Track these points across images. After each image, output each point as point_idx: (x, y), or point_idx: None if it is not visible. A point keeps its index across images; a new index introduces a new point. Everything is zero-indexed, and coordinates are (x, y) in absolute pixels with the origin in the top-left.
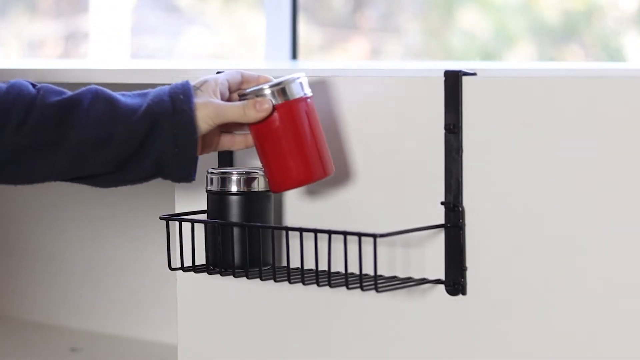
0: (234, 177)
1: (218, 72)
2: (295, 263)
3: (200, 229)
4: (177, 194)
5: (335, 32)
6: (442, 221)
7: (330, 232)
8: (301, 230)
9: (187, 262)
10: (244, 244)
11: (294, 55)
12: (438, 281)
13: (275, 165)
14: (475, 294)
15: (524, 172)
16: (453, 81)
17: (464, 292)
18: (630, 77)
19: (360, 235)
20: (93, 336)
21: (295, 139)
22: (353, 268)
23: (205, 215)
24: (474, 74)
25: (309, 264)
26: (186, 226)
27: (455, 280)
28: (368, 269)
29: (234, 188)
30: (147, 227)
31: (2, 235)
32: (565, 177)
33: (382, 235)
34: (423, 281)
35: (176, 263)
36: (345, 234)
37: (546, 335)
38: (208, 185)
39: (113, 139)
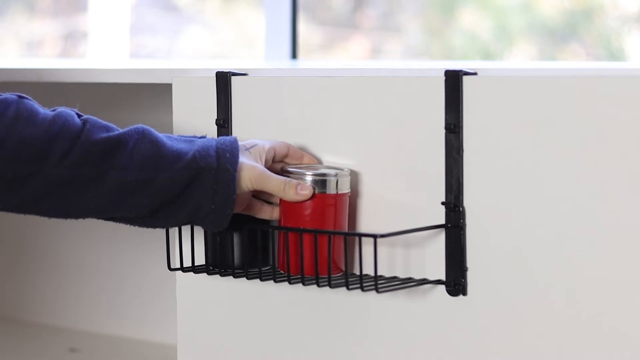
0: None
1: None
2: None
3: (199, 229)
4: None
5: (335, 31)
6: (442, 221)
7: (330, 233)
8: (301, 231)
9: (187, 263)
10: (243, 244)
11: (294, 55)
12: (439, 282)
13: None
14: (476, 294)
15: (525, 171)
16: (454, 81)
17: (464, 293)
18: (630, 77)
19: (360, 235)
20: (92, 336)
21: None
22: (353, 268)
23: None
24: (475, 74)
25: None
26: (186, 226)
27: (456, 280)
28: (368, 270)
29: None
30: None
31: (2, 235)
32: (565, 177)
33: (382, 236)
34: (424, 282)
35: (175, 263)
36: (345, 234)
37: (548, 335)
38: None
39: (153, 184)
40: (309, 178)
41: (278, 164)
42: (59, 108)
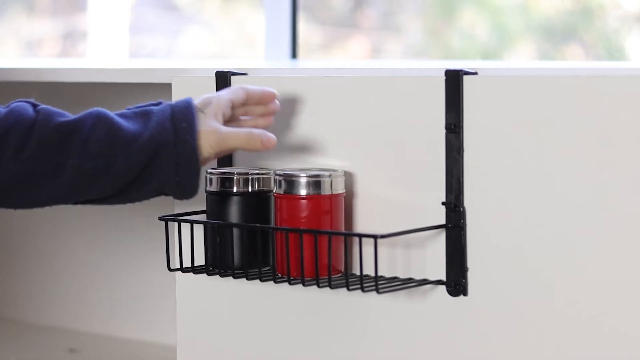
0: (234, 178)
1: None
2: None
3: (199, 230)
4: None
5: (335, 31)
6: (443, 221)
7: (330, 233)
8: (301, 231)
9: (186, 263)
10: (243, 244)
11: (294, 55)
12: (439, 282)
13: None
14: (476, 294)
15: (525, 171)
16: (454, 80)
17: (465, 293)
18: (630, 77)
19: (361, 236)
20: (91, 337)
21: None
22: (354, 269)
23: (205, 215)
24: (475, 74)
25: None
26: (185, 227)
27: (456, 281)
28: (369, 270)
29: (233, 188)
30: (146, 227)
31: (2, 236)
32: (565, 177)
33: (382, 236)
34: (424, 282)
35: (175, 264)
36: (346, 234)
37: (548, 335)
38: (207, 185)
39: (112, 168)
40: (302, 180)
41: (239, 109)
42: (13, 103)
